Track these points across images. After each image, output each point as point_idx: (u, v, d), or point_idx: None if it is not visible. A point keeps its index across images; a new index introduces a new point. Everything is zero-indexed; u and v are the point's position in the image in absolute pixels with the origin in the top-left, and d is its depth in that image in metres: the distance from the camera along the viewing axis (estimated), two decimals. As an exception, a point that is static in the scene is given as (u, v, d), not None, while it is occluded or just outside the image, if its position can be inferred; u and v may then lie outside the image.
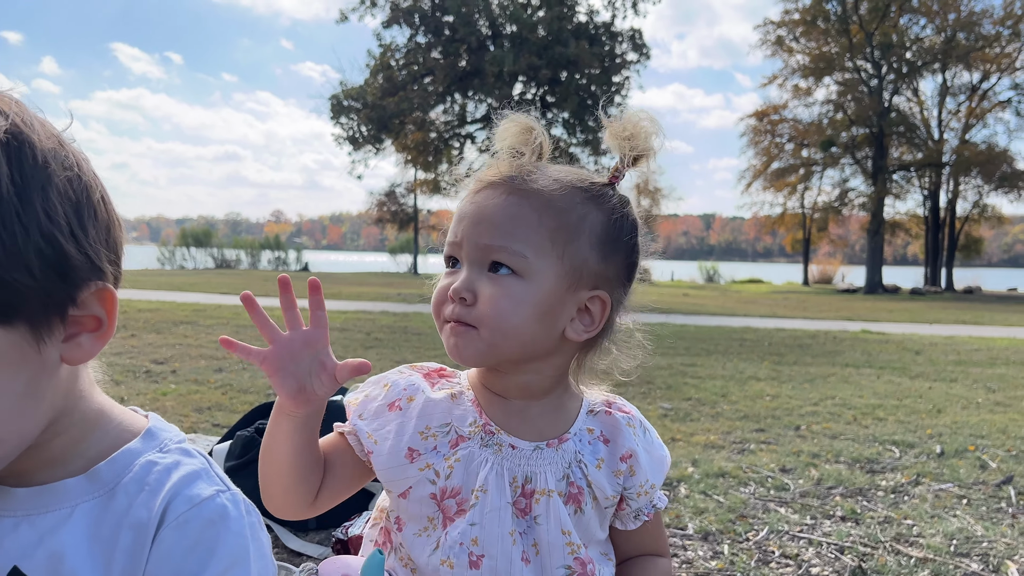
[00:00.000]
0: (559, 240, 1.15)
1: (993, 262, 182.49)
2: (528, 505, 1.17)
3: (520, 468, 1.18)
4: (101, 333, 0.82)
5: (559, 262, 1.16)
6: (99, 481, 0.83)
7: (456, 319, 1.16)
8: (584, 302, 1.20)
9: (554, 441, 1.21)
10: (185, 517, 0.81)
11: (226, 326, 11.00)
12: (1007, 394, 7.22)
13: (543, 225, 1.14)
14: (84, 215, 0.79)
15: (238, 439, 2.98)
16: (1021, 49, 39.23)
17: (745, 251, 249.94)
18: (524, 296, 1.14)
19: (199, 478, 0.85)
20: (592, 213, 1.18)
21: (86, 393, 0.87)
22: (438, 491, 1.18)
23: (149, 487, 0.82)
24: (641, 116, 1.21)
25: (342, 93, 26.71)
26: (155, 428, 0.89)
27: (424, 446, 1.19)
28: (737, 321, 16.19)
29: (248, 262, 49.03)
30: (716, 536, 3.38)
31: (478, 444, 1.19)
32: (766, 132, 44.92)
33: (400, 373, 1.31)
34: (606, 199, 1.20)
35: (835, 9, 39.75)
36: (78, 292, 0.78)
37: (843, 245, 57.89)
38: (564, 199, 1.17)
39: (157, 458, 0.85)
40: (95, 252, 0.80)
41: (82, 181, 0.80)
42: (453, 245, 1.20)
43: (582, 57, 25.01)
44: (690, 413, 5.99)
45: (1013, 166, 40.25)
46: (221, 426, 4.92)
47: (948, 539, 3.36)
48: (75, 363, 0.82)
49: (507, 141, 1.22)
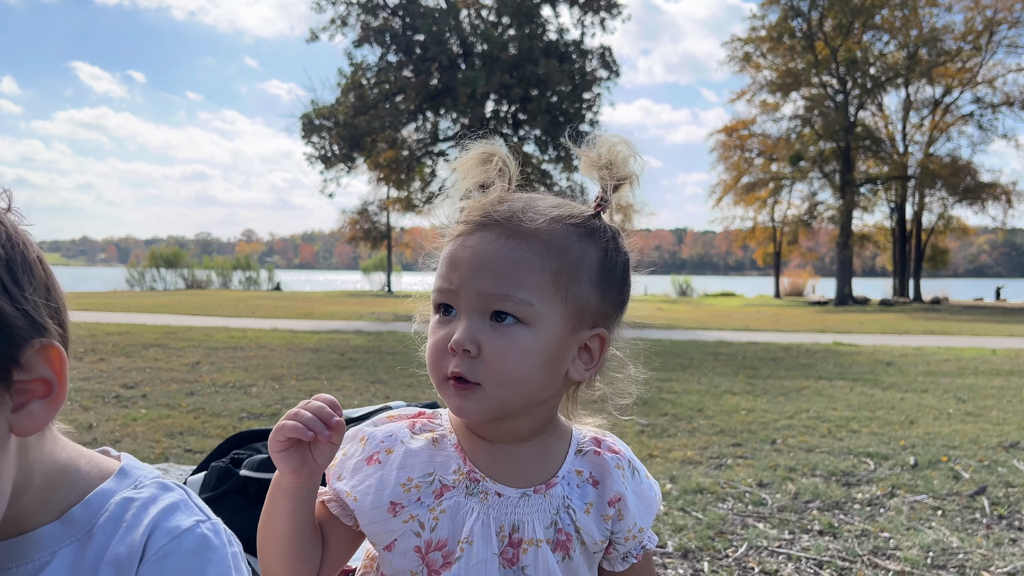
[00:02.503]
0: (562, 282, 1.11)
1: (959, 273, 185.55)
2: (516, 555, 1.13)
3: (507, 517, 1.14)
4: (53, 398, 0.78)
5: (563, 305, 1.12)
6: (74, 525, 0.80)
7: (459, 374, 1.10)
8: (585, 341, 1.17)
9: (541, 487, 1.17)
10: (166, 550, 0.79)
11: (197, 348, 10.87)
12: (977, 404, 7.32)
13: (546, 269, 1.10)
14: (17, 272, 0.76)
15: (213, 470, 2.91)
16: (982, 64, 40.12)
17: (717, 265, 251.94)
18: (532, 346, 1.10)
19: (178, 509, 0.83)
20: (589, 250, 1.15)
21: (48, 448, 0.83)
22: (423, 543, 1.13)
23: (127, 523, 0.80)
24: (615, 141, 1.18)
25: (313, 112, 26.65)
26: (128, 467, 0.87)
27: (407, 498, 1.14)
28: (711, 335, 16.29)
29: (219, 282, 48.54)
30: (696, 553, 3.37)
31: (463, 493, 1.14)
32: (735, 147, 45.44)
33: (375, 425, 1.25)
34: (601, 234, 1.17)
35: (800, 26, 40.42)
36: (19, 352, 0.75)
37: (813, 258, 58.57)
38: (562, 238, 1.12)
39: (133, 495, 0.83)
40: (34, 307, 0.76)
41: (12, 241, 0.77)
42: (448, 292, 1.13)
43: (552, 75, 25.20)
44: (667, 429, 6.00)
45: (976, 178, 41.03)
46: (194, 451, 4.84)
47: (925, 551, 3.38)
48: (26, 434, 0.77)
49: (469, 177, 1.18)
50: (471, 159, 1.18)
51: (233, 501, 2.36)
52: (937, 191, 42.81)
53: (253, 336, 13.27)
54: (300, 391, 7.41)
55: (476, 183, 1.18)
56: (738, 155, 45.43)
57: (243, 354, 10.48)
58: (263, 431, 3.24)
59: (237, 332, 13.96)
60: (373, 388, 7.70)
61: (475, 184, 1.18)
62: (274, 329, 15.16)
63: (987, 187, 40.89)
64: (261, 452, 2.90)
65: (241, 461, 2.90)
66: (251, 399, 6.93)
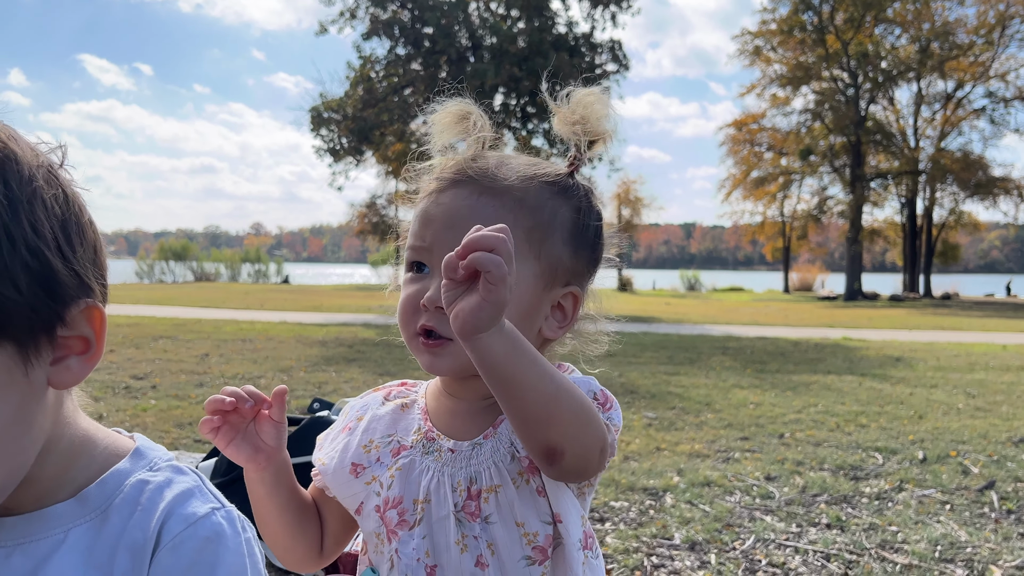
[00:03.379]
0: (535, 240, 1.12)
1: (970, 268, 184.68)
2: (477, 506, 1.12)
3: (463, 471, 1.13)
4: (90, 355, 0.80)
5: (536, 262, 1.12)
6: (89, 504, 0.80)
7: (429, 328, 1.11)
8: (558, 299, 1.17)
9: (490, 430, 1.15)
10: (181, 537, 0.79)
11: (206, 340, 10.91)
12: (987, 399, 7.29)
13: (519, 225, 1.10)
14: (71, 232, 0.78)
15: (223, 456, 2.94)
16: (994, 58, 39.85)
17: (726, 259, 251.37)
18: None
19: (193, 496, 0.83)
20: (562, 208, 1.15)
21: (71, 418, 0.84)
22: (381, 502, 1.15)
23: (142, 507, 0.80)
24: (591, 99, 1.17)
25: (322, 105, 26.66)
26: (143, 448, 0.87)
27: (367, 459, 1.17)
28: (719, 329, 16.26)
29: (228, 275, 48.71)
30: (703, 546, 3.37)
31: (420, 452, 1.15)
32: (745, 141, 45.30)
33: (361, 397, 1.27)
34: (574, 192, 1.17)
35: (811, 19, 40.20)
36: (66, 310, 0.77)
37: (823, 253, 58.39)
38: (535, 195, 1.13)
39: (148, 477, 0.83)
40: (83, 269, 0.78)
41: (69, 200, 0.80)
42: (420, 250, 1.14)
43: (562, 68, 25.16)
44: (674, 422, 6.00)
45: (988, 173, 40.81)
46: (203, 441, 4.86)
47: (932, 545, 3.38)
48: (63, 387, 0.79)
49: (445, 133, 1.18)
50: (446, 116, 1.17)
51: (243, 487, 2.36)
52: (948, 186, 42.61)
53: (262, 328, 13.31)
54: (308, 383, 7.44)
55: (450, 141, 1.18)
56: (748, 149, 45.29)
57: (252, 346, 10.52)
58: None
59: (246, 324, 14.01)
60: (382, 380, 7.70)
61: (449, 142, 1.18)
62: (282, 322, 15.20)
63: (999, 182, 40.67)
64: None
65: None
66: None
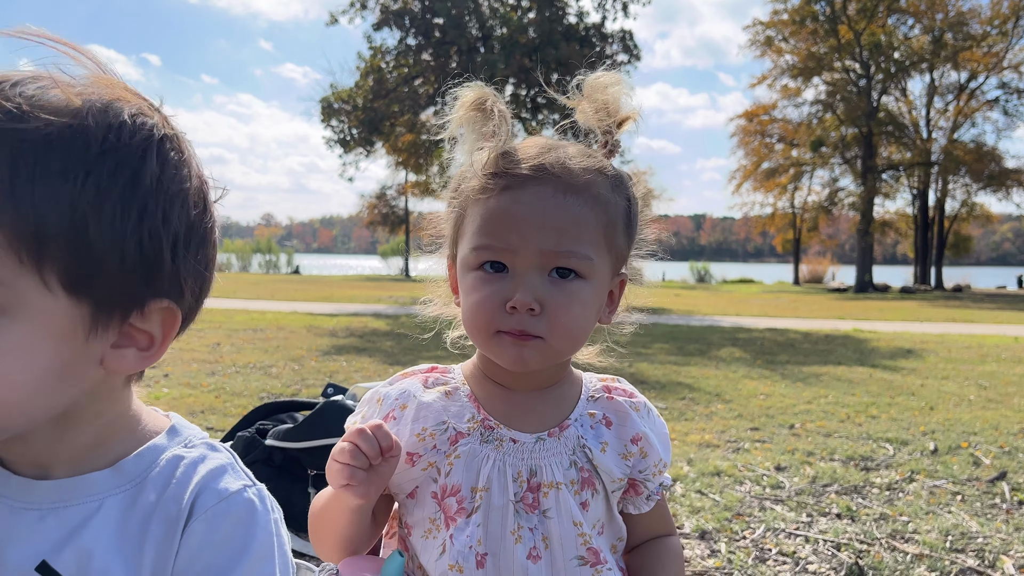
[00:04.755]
0: (608, 234, 1.13)
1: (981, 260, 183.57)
2: (536, 499, 1.13)
3: (524, 462, 1.14)
4: (149, 354, 0.82)
5: (609, 256, 1.14)
6: (125, 475, 0.82)
7: (520, 330, 1.09)
8: (612, 287, 1.19)
9: (555, 430, 1.17)
10: (214, 511, 0.81)
11: (218, 329, 10.96)
12: (998, 391, 7.26)
13: (599, 222, 1.11)
14: (193, 239, 0.81)
15: (239, 440, 2.97)
16: (1008, 48, 39.49)
17: (736, 251, 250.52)
18: (590, 298, 1.12)
19: (226, 472, 0.85)
20: (618, 199, 1.16)
21: (119, 394, 0.86)
22: (439, 489, 1.15)
23: (176, 480, 0.82)
24: (604, 81, 1.17)
25: (332, 96, 26.66)
26: (178, 425, 0.89)
27: (423, 447, 1.16)
28: (729, 321, 16.23)
29: (239, 266, 48.85)
30: (713, 535, 3.38)
31: (478, 440, 1.15)
32: (756, 132, 45.06)
33: (390, 384, 1.25)
34: (623, 182, 1.18)
35: (823, 9, 39.91)
36: (149, 301, 0.79)
37: (833, 245, 58.10)
38: (603, 190, 1.13)
39: (183, 453, 0.85)
40: (186, 274, 0.81)
41: (206, 215, 0.83)
42: (500, 251, 1.09)
43: (572, 59, 25.06)
44: (684, 412, 6.00)
45: (1001, 165, 40.49)
46: (215, 429, 4.90)
47: (943, 535, 3.38)
48: (113, 372, 0.81)
49: (470, 128, 1.14)
50: (466, 108, 1.14)
51: (259, 470, 2.39)
52: (960, 177, 42.32)
53: (273, 318, 13.36)
54: (319, 372, 7.47)
55: (479, 133, 1.14)
56: (758, 140, 45.06)
57: (263, 335, 10.57)
58: (287, 403, 3.29)
59: (257, 314, 14.07)
60: (393, 370, 7.71)
61: (478, 134, 1.14)
62: (293, 312, 15.26)
63: (1012, 174, 40.35)
64: (285, 423, 2.94)
65: (266, 432, 2.94)
66: (271, 379, 6.99)
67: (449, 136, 1.17)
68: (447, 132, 1.17)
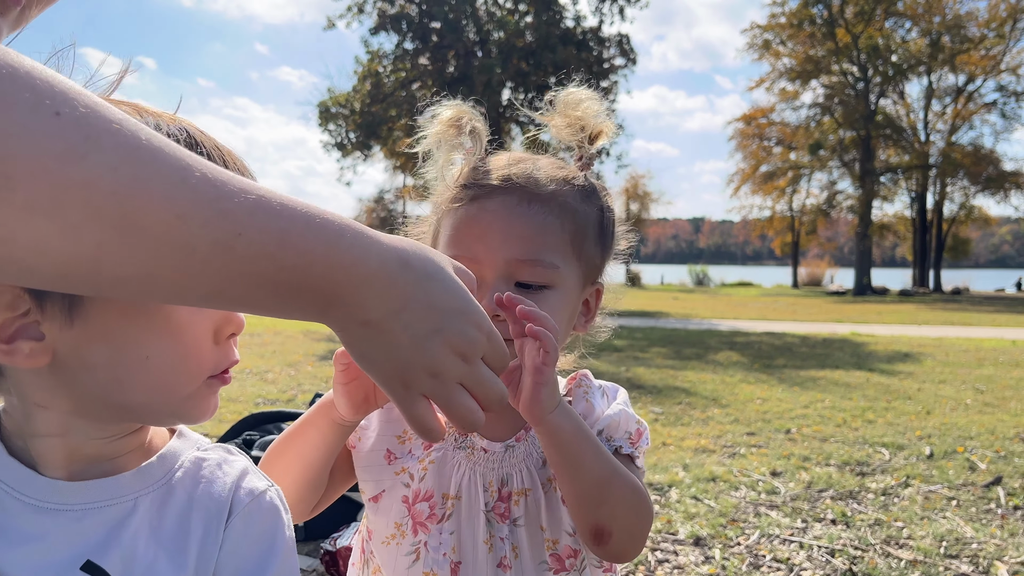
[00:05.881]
0: (577, 243, 1.13)
1: (980, 263, 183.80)
2: (507, 508, 1.13)
3: (495, 472, 1.14)
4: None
5: (578, 265, 1.13)
6: (151, 476, 0.83)
7: None
8: (587, 296, 1.19)
9: (522, 433, 1.16)
10: (250, 508, 0.84)
11: (215, 335, 10.94)
12: (995, 395, 7.25)
13: (565, 230, 1.11)
14: None
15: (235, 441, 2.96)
16: (1006, 51, 39.58)
17: (735, 254, 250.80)
18: (558, 307, 1.10)
19: (249, 472, 0.88)
20: (590, 209, 1.16)
21: None
22: (411, 494, 1.14)
23: (206, 480, 0.85)
24: (576, 97, 1.17)
25: (330, 100, 26.70)
26: (183, 430, 0.91)
27: (401, 450, 1.16)
28: (727, 324, 16.23)
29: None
30: (707, 541, 3.37)
31: (451, 445, 1.15)
32: (754, 135, 45.16)
33: None
34: (595, 192, 1.18)
35: (821, 13, 40.01)
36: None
37: (832, 247, 58.18)
38: (572, 199, 1.13)
39: (203, 455, 0.87)
40: None
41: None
42: (468, 262, 1.05)
43: (570, 63, 25.08)
44: (680, 417, 5.99)
45: (999, 167, 40.57)
46: (210, 435, 4.88)
47: (938, 541, 3.37)
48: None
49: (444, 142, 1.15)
50: (443, 124, 1.15)
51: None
52: (959, 180, 42.41)
53: (269, 323, 13.35)
54: (316, 378, 7.46)
55: (451, 147, 1.16)
56: (757, 143, 45.16)
57: (259, 340, 10.56)
58: (273, 414, 3.28)
59: (253, 319, 14.04)
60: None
61: (451, 148, 1.16)
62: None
63: (1010, 176, 40.44)
64: (272, 434, 2.93)
65: (253, 443, 2.94)
66: (267, 385, 6.98)
67: (424, 151, 1.18)
68: (422, 147, 1.17)
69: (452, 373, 0.71)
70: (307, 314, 0.66)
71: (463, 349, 0.71)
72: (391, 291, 0.66)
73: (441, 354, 0.69)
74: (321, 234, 0.63)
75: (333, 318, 0.66)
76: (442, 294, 0.70)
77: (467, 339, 0.71)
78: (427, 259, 0.70)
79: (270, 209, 0.61)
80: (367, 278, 0.65)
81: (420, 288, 0.68)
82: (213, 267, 0.58)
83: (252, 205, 0.59)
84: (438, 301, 0.69)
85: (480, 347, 0.72)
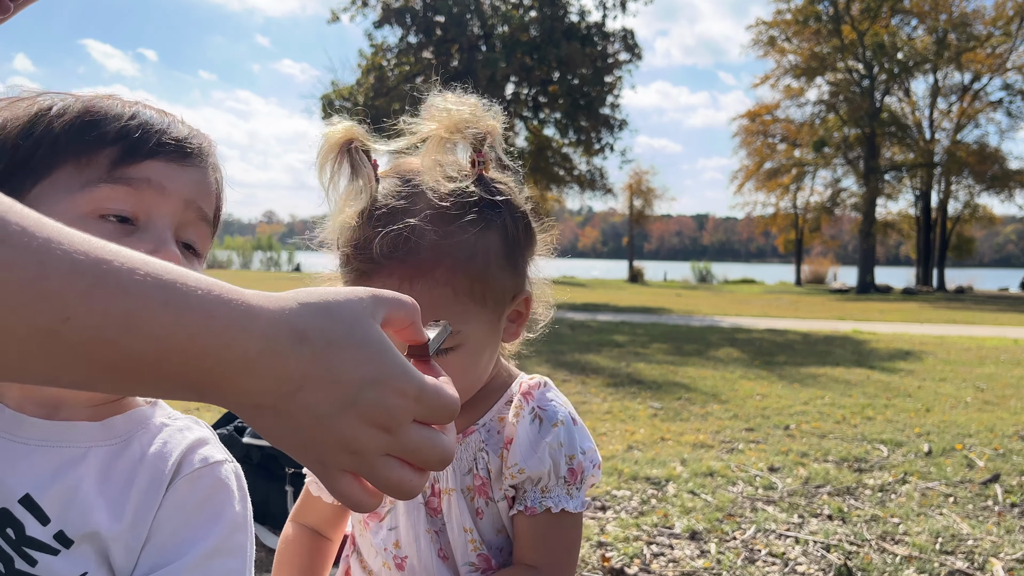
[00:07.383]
0: (477, 292, 1.03)
1: (984, 262, 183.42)
2: (438, 504, 1.13)
3: None
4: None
5: (484, 309, 1.05)
6: (112, 430, 0.86)
7: None
8: (512, 311, 1.12)
9: (459, 436, 1.12)
10: (199, 473, 0.85)
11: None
12: (996, 393, 7.24)
13: (459, 292, 1.02)
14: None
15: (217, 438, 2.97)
16: (1012, 49, 39.41)
17: (738, 251, 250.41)
18: (472, 358, 1.06)
19: (209, 442, 0.90)
20: (488, 238, 1.04)
21: None
22: None
23: (163, 441, 0.86)
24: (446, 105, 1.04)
25: (333, 93, 26.71)
26: (161, 402, 0.94)
27: None
28: (729, 321, 16.22)
29: (239, 263, 48.90)
30: (703, 535, 3.38)
31: None
32: (758, 132, 45.04)
33: None
34: (494, 211, 1.05)
35: (827, 9, 39.86)
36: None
37: (835, 245, 58.08)
38: (461, 248, 1.01)
39: (169, 421, 0.90)
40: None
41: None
42: None
43: (574, 57, 25.05)
44: (680, 412, 5.99)
45: (1004, 166, 40.45)
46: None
47: (934, 537, 3.37)
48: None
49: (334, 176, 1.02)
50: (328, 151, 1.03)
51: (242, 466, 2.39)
52: (963, 179, 42.28)
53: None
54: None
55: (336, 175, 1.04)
56: (761, 140, 45.05)
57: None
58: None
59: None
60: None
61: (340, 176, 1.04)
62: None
63: (1015, 175, 40.31)
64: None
65: (244, 430, 2.95)
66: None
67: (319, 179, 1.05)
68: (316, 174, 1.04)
69: (373, 447, 0.60)
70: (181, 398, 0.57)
71: (382, 421, 0.60)
72: (281, 372, 0.57)
73: (356, 430, 0.59)
74: (183, 316, 0.53)
75: (215, 401, 0.58)
76: (350, 364, 0.59)
77: (385, 409, 0.60)
78: (332, 323, 0.60)
79: (115, 287, 0.52)
80: (245, 364, 0.55)
81: (320, 363, 0.58)
82: (39, 354, 0.51)
83: (88, 284, 0.51)
84: (344, 374, 0.59)
85: (406, 413, 0.61)
